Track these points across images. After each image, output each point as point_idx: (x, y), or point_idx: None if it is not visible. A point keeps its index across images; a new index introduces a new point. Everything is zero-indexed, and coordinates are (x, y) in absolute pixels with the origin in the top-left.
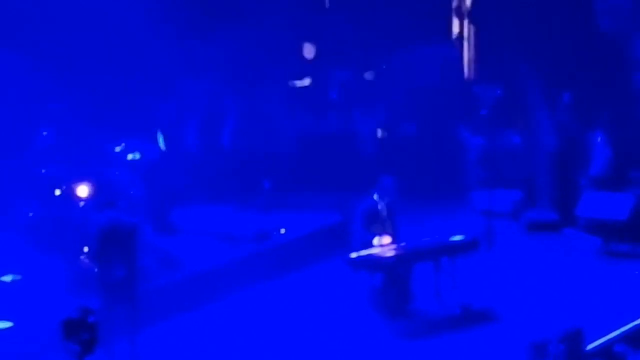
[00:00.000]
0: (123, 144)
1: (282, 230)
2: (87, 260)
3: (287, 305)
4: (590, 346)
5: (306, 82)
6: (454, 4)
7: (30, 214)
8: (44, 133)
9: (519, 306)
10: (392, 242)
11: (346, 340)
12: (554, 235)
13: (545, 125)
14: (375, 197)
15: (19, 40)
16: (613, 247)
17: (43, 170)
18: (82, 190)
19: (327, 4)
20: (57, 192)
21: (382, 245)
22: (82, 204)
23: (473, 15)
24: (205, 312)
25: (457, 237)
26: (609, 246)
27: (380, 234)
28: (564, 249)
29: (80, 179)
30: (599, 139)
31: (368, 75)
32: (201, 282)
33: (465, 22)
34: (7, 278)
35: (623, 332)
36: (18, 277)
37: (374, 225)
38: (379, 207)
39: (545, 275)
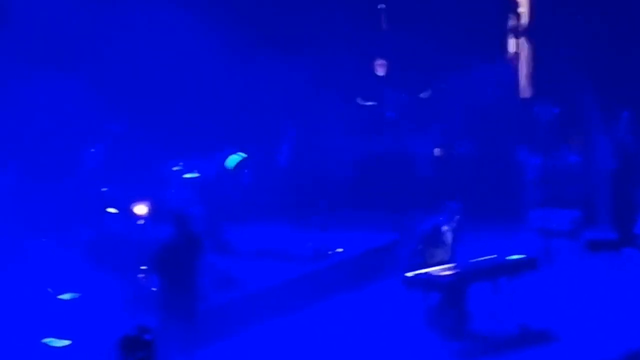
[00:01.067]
0: (181, 163)
1: (339, 249)
2: (145, 279)
3: (344, 325)
4: None
5: (371, 102)
6: (511, 22)
7: (89, 233)
8: (92, 150)
9: (578, 326)
10: (450, 262)
11: None
12: (614, 254)
13: (603, 144)
14: (441, 220)
15: (77, 62)
16: None
17: (104, 189)
18: (141, 209)
19: (384, 25)
20: (114, 210)
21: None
22: (140, 222)
23: (529, 34)
24: (261, 332)
25: (515, 257)
26: None
27: (439, 257)
28: (624, 269)
29: (139, 197)
30: None
31: (425, 95)
32: (258, 301)
33: (522, 41)
34: (66, 296)
35: None
36: (76, 295)
37: (434, 247)
38: (443, 230)
39: (605, 295)
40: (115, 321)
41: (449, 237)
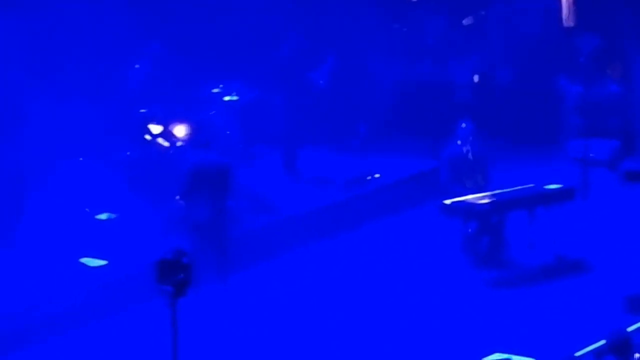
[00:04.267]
0: (221, 86)
1: (377, 175)
2: (180, 202)
3: (380, 251)
4: None
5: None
6: None
7: (128, 153)
8: (137, 66)
9: (613, 257)
10: (486, 189)
11: (437, 287)
12: None
13: None
14: (459, 142)
15: None
16: None
17: (142, 110)
18: (180, 130)
19: None
20: (155, 131)
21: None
22: (179, 144)
23: None
24: (297, 256)
25: (553, 186)
26: None
27: (470, 180)
28: None
29: (178, 119)
30: None
31: (466, 22)
32: (294, 226)
33: None
34: (103, 216)
35: None
36: (113, 215)
37: (462, 171)
38: (464, 152)
39: None
40: (152, 243)
41: (470, 158)
